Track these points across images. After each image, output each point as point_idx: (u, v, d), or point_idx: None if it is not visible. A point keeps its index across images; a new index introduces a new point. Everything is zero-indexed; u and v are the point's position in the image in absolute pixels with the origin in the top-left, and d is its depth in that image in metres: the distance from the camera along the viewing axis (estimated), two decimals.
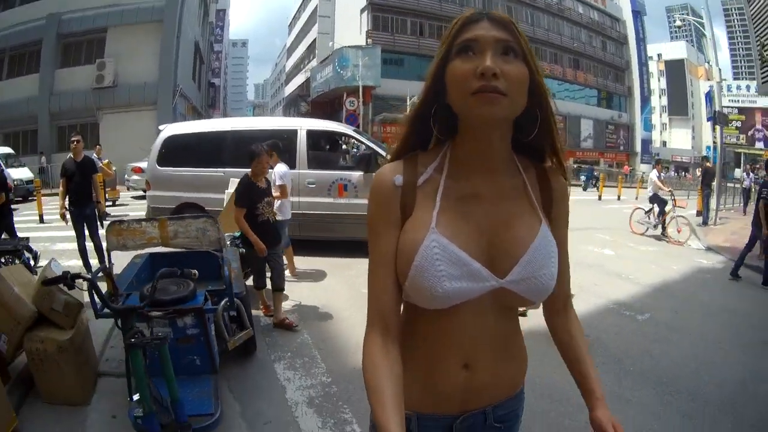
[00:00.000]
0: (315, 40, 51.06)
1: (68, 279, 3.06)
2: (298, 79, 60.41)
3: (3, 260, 7.00)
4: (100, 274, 3.52)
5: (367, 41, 39.45)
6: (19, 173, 19.29)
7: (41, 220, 13.94)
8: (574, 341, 1.49)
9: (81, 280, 3.10)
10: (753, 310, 7.02)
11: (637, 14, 57.06)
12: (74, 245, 7.81)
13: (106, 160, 15.09)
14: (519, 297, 1.32)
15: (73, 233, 8.01)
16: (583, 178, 30.64)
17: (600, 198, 23.21)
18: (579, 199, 21.49)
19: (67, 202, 8.01)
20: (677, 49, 72.44)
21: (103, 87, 27.92)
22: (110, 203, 17.53)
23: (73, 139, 8.18)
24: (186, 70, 33.69)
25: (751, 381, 4.81)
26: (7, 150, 21.72)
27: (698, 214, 15.81)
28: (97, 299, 3.18)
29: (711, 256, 10.80)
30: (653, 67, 66.99)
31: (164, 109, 27.88)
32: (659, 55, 71.01)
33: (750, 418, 4.16)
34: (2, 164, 19.06)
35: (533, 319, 5.95)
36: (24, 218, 14.35)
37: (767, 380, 4.96)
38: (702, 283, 8.60)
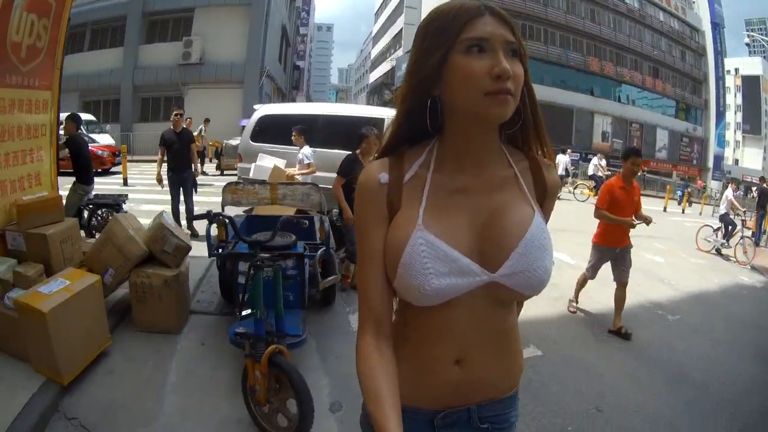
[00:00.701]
0: (401, 30, 51.13)
1: (211, 216, 4.03)
2: (383, 67, 60.67)
3: (101, 212, 8.04)
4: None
5: None
6: (101, 139, 20.43)
7: (125, 183, 14.91)
8: None
9: (221, 218, 4.10)
10: None
11: (716, 26, 54.66)
12: (158, 207, 8.35)
13: (196, 133, 16.22)
14: (512, 291, 1.31)
15: (155, 196, 8.83)
16: (679, 193, 29.64)
17: (665, 209, 23.06)
18: (645, 209, 21.62)
19: (165, 169, 8.90)
20: (754, 65, 68.84)
21: (189, 63, 28.81)
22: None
23: (175, 113, 9.05)
24: (273, 52, 34.21)
25: (755, 388, 5.21)
26: (89, 117, 22.54)
27: (752, 234, 15.25)
28: (210, 240, 4.28)
29: (753, 275, 10.98)
30: (730, 81, 63.29)
31: (251, 88, 28.68)
32: (737, 70, 67.14)
33: (745, 416, 4.57)
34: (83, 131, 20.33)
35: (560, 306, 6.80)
36: (109, 180, 15.45)
37: None
38: (737, 297, 8.93)
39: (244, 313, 3.93)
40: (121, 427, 3.75)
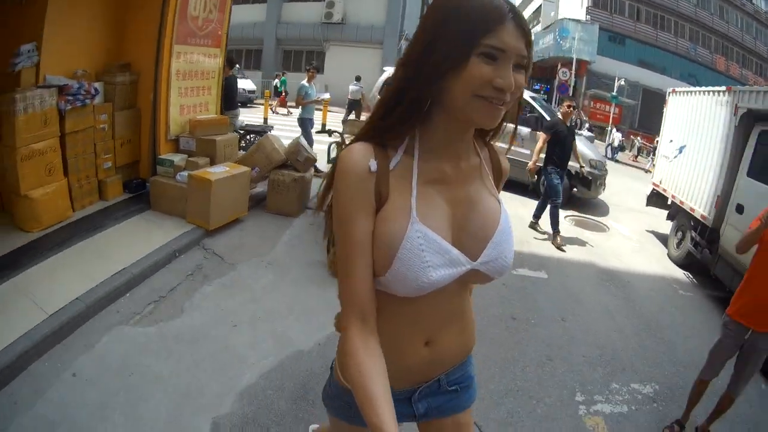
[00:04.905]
0: (540, 6, 50.23)
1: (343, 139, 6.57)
2: None
3: (250, 137, 10.03)
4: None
5: (585, 17, 39.68)
6: (243, 84, 22.70)
7: (265, 122, 16.75)
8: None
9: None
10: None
11: None
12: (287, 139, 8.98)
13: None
14: (486, 277, 1.40)
15: (285, 133, 11.12)
16: None
17: None
18: None
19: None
20: None
21: (331, 23, 30.37)
22: None
23: (567, 104, 8.38)
24: (412, 18, 33.83)
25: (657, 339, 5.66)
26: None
27: None
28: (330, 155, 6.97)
29: None
30: None
31: (389, 49, 29.77)
32: None
33: (687, 379, 4.58)
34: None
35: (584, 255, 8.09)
36: (249, 118, 17.26)
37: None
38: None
39: None
40: (242, 256, 5.90)
